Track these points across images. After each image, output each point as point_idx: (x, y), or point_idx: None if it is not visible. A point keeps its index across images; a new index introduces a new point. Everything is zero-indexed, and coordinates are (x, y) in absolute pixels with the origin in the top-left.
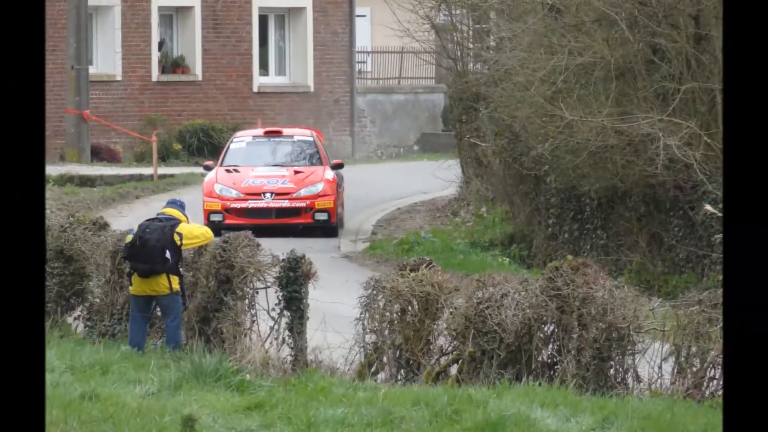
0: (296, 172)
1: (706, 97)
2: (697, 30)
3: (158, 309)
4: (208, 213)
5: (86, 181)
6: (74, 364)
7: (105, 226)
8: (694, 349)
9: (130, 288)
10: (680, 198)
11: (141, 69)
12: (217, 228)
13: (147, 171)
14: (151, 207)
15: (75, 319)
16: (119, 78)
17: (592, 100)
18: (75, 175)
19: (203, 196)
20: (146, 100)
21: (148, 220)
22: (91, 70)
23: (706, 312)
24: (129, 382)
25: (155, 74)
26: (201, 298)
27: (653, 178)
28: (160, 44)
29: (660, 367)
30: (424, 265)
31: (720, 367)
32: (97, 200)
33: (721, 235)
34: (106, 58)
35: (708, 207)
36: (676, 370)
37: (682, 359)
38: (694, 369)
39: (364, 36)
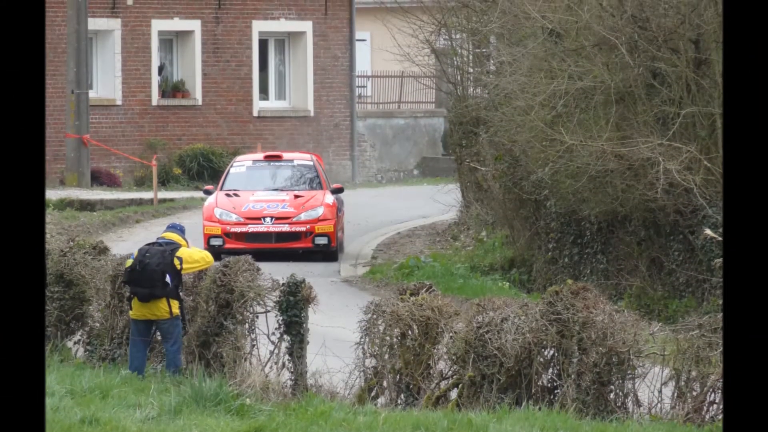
0: (296, 197)
1: (706, 122)
2: (698, 54)
3: (158, 333)
4: (208, 237)
5: (86, 206)
6: (74, 389)
7: (105, 250)
8: (694, 373)
9: (130, 312)
10: (680, 222)
11: (141, 93)
12: (217, 252)
13: (147, 195)
14: (151, 231)
15: (75, 343)
16: (119, 102)
17: (592, 124)
18: (75, 200)
19: (203, 220)
20: (146, 125)
21: (148, 244)
22: (91, 94)
23: (706, 336)
24: (129, 407)
25: (155, 98)
26: (201, 322)
27: (653, 203)
28: (160, 68)
29: (660, 392)
30: (424, 289)
31: (720, 391)
32: (97, 224)
33: (721, 260)
34: (106, 83)
35: (708, 231)
36: (676, 394)
37: (682, 383)
38: (694, 393)
39: (364, 60)
